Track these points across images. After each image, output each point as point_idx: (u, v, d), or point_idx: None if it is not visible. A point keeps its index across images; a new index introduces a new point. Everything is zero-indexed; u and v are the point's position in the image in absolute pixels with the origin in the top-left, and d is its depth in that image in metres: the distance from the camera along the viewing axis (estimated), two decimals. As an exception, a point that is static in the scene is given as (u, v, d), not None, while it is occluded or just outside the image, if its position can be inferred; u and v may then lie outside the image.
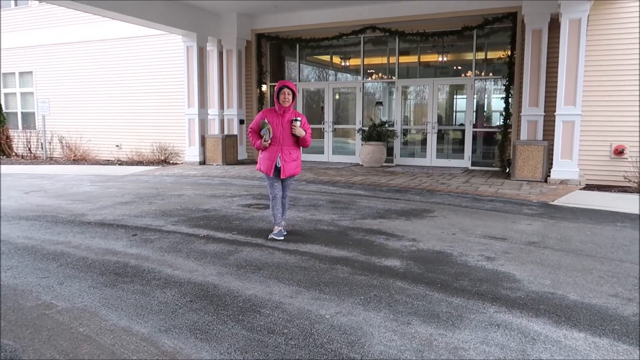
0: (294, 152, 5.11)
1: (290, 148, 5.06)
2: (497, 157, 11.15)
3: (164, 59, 13.97)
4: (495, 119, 11.95)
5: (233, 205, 7.08)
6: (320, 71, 14.21)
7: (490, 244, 5.01)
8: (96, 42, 14.94)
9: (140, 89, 14.45)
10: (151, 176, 10.62)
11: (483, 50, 11.69)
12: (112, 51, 14.76)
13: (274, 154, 5.04)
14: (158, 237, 5.28)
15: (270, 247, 4.87)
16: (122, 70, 14.67)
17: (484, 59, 11.72)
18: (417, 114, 12.91)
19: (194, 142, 12.63)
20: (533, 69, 9.83)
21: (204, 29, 12.37)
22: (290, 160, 5.08)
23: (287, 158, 5.05)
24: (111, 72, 14.83)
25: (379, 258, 4.49)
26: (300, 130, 4.97)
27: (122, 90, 14.75)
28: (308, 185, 9.09)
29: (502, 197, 7.80)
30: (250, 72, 13.36)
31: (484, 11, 10.68)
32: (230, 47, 12.87)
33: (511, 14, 10.55)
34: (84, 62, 15.25)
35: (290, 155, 5.07)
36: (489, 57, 11.70)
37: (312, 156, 13.33)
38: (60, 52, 15.57)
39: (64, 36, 15.36)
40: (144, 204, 7.25)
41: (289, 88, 4.95)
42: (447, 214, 6.48)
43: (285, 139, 5.02)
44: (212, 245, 4.92)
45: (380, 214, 6.46)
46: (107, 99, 15.00)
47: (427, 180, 9.54)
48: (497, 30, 11.11)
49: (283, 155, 5.03)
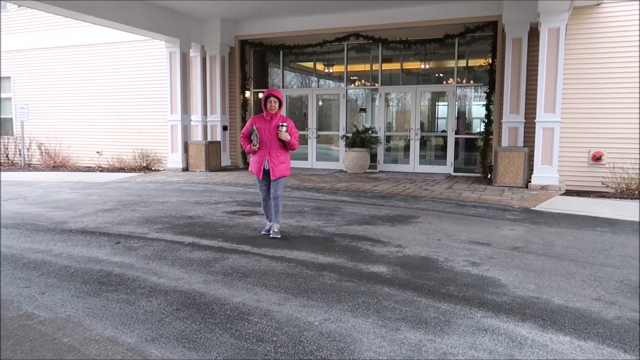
0: (282, 155, 5.41)
1: (277, 151, 5.38)
2: (479, 163, 11.29)
3: (146, 65, 13.84)
4: (477, 125, 12.11)
5: (218, 212, 7.02)
6: (303, 78, 14.23)
7: (475, 249, 5.06)
8: (77, 47, 14.73)
9: (122, 95, 14.28)
10: (133, 183, 10.48)
11: (464, 58, 11.86)
12: (93, 56, 14.56)
13: (262, 157, 5.38)
14: (142, 244, 5.20)
15: (256, 254, 4.84)
16: (103, 75, 14.48)
17: (465, 67, 11.89)
18: (400, 121, 13.01)
19: (177, 148, 12.52)
20: (513, 77, 10.01)
21: (187, 34, 12.30)
22: (279, 162, 5.39)
23: (275, 160, 5.37)
24: (92, 77, 14.63)
25: (365, 264, 4.49)
26: (285, 135, 5.30)
27: (103, 96, 14.55)
28: (293, 191, 9.08)
29: (485, 202, 7.88)
30: (233, 78, 13.32)
31: (465, 20, 10.85)
32: (214, 53, 12.82)
33: (492, 23, 10.74)
34: (64, 67, 15.01)
35: (278, 158, 5.39)
36: (470, 65, 11.87)
37: (296, 162, 13.31)
38: (40, 57, 15.31)
39: (43, 41, 15.11)
40: (126, 211, 7.14)
41: (275, 97, 5.30)
42: (432, 220, 6.52)
43: (272, 143, 5.34)
44: (198, 253, 4.87)
45: (365, 220, 6.47)
46: (87, 104, 14.79)
47: (410, 187, 9.60)
48: (478, 39, 11.29)
49: (271, 158, 5.36)
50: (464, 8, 10.77)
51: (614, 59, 9.59)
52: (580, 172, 9.93)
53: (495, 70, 10.74)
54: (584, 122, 9.88)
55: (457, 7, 10.82)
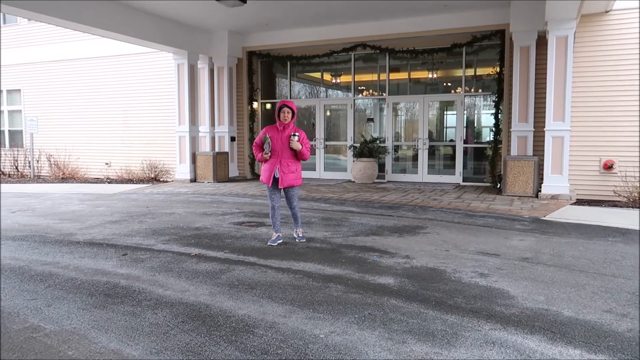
0: (293, 164, 5.55)
1: (288, 160, 5.52)
2: (488, 172, 11.24)
3: (154, 76, 14.00)
4: (486, 134, 12.08)
5: (225, 223, 7.04)
6: (311, 88, 14.31)
7: (484, 260, 5.02)
8: (86, 60, 14.95)
9: (130, 107, 14.44)
10: (141, 194, 10.55)
11: (472, 67, 11.86)
12: (102, 69, 14.76)
13: (273, 165, 5.52)
14: (149, 256, 5.22)
15: (263, 265, 4.84)
16: (111, 87, 14.66)
17: (473, 76, 11.89)
18: (408, 130, 13.01)
19: (185, 159, 12.60)
20: (522, 85, 9.99)
21: (195, 46, 12.44)
22: (289, 171, 5.52)
23: (285, 169, 5.50)
24: (100, 89, 14.82)
25: (372, 276, 4.48)
26: (297, 144, 5.43)
27: (111, 107, 14.73)
28: (300, 202, 9.06)
29: (494, 212, 7.84)
30: (241, 89, 13.42)
31: (472, 29, 10.87)
32: (222, 64, 12.93)
33: (499, 32, 10.74)
34: (73, 79, 15.23)
35: (288, 167, 5.51)
36: (478, 74, 11.87)
37: (303, 173, 13.18)
38: (50, 70, 15.55)
39: (53, 54, 15.36)
40: (134, 222, 7.18)
41: (288, 107, 5.48)
42: (440, 230, 6.49)
43: (284, 152, 5.49)
44: (204, 264, 4.88)
45: (373, 231, 6.46)
46: (96, 116, 14.96)
47: (419, 197, 9.58)
48: (486, 48, 11.30)
49: (281, 167, 5.49)
50: (471, 17, 10.79)
51: (623, 66, 9.54)
52: (591, 181, 9.84)
53: (503, 79, 10.72)
54: (595, 130, 9.81)
55: (464, 16, 10.85)
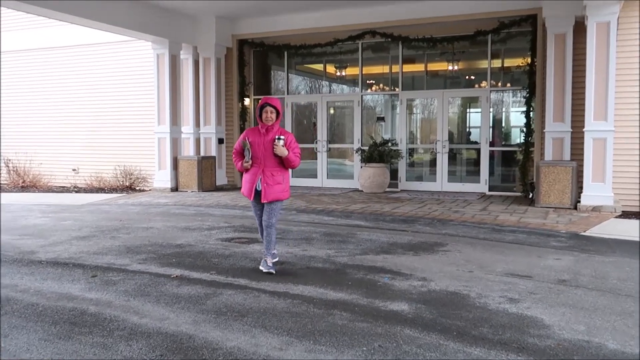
0: (278, 174, 5.31)
1: (273, 169, 5.29)
2: (519, 180, 11.23)
3: (130, 69, 14.06)
4: (515, 136, 12.09)
5: (211, 240, 7.05)
6: (312, 82, 14.37)
7: (514, 282, 5.02)
8: (49, 50, 15.00)
9: (102, 104, 14.48)
10: (114, 205, 10.57)
11: (499, 58, 11.90)
12: (69, 60, 14.82)
13: (255, 175, 5.30)
14: (122, 278, 5.23)
15: (255, 289, 4.84)
16: (80, 82, 14.71)
17: (500, 68, 11.92)
18: (424, 131, 13.04)
19: (165, 165, 12.64)
20: (557, 79, 10.00)
21: (177, 34, 12.51)
22: (274, 183, 5.27)
23: (269, 180, 5.26)
24: (67, 84, 14.87)
25: (383, 301, 4.48)
26: (282, 150, 5.19)
27: (79, 105, 14.77)
28: (299, 214, 9.09)
29: (525, 227, 7.84)
30: (230, 83, 13.48)
31: (499, 14, 10.91)
32: (208, 55, 13.00)
33: (530, 17, 10.78)
34: (35, 73, 15.28)
35: (273, 178, 5.28)
36: (506, 66, 11.90)
37: (303, 181, 13.37)
38: (6, 62, 15.59)
39: (10, 43, 15.29)
40: (105, 238, 7.20)
41: (271, 106, 5.23)
42: (462, 248, 6.50)
43: (267, 160, 5.26)
44: (187, 288, 4.88)
45: (384, 249, 6.46)
46: (62, 115, 15.00)
47: (437, 208, 9.59)
48: (515, 35, 11.33)
49: (264, 178, 5.27)
50: (497, 0, 10.83)
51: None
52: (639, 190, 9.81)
53: (535, 71, 10.75)
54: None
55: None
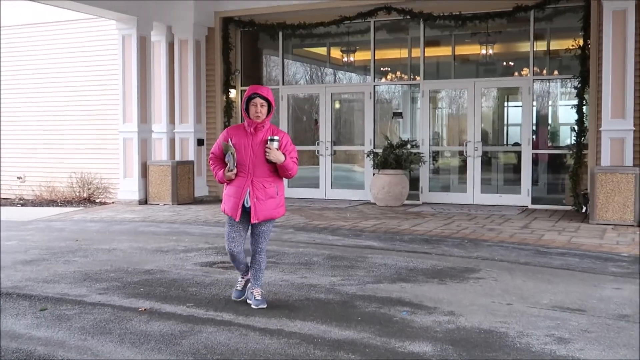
0: (272, 185, 5.12)
1: (265, 180, 5.08)
2: (569, 190, 11.21)
3: (88, 55, 14.09)
4: (565, 135, 12.08)
5: (188, 264, 7.03)
6: (313, 70, 14.41)
7: (563, 318, 4.99)
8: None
9: (54, 98, 14.52)
10: (69, 221, 10.57)
11: (544, 39, 11.90)
12: (11, 43, 14.83)
13: (242, 188, 5.05)
14: (78, 312, 5.21)
15: (242, 325, 4.82)
16: (26, 71, 14.76)
17: (545, 52, 11.92)
18: (452, 130, 13.04)
19: (132, 171, 12.64)
20: (616, 66, 9.98)
21: (147, 11, 12.53)
22: (266, 197, 5.08)
23: (260, 194, 5.05)
24: (9, 73, 14.89)
25: (401, 341, 4.46)
26: (278, 155, 5.00)
27: (24, 98, 14.81)
28: (296, 233, 9.07)
29: (577, 249, 7.80)
30: (212, 71, 13.50)
31: (544, -15, 10.95)
32: (185, 36, 13.04)
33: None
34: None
35: (264, 190, 5.07)
36: (552, 49, 11.90)
37: (302, 191, 13.36)
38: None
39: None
40: (57, 262, 7.18)
41: (262, 97, 4.99)
42: (499, 275, 6.47)
43: (257, 168, 5.05)
44: (158, 324, 4.86)
45: (401, 276, 6.44)
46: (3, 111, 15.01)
47: (468, 225, 9.57)
48: (564, 11, 11.35)
49: (254, 191, 5.03)
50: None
51: None
52: None
53: (588, 56, 10.74)
54: None
55: (531, -33, 10.93)
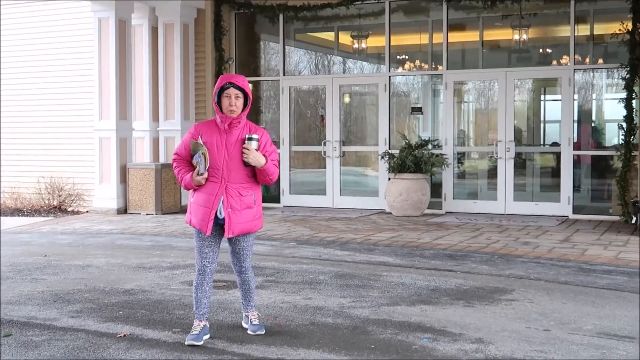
0: (249, 193, 5.09)
1: (241, 186, 5.05)
2: (617, 197, 11.18)
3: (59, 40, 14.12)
4: (611, 134, 12.06)
5: (174, 283, 7.05)
6: (319, 58, 14.42)
7: (610, 346, 4.99)
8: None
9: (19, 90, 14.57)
10: (36, 234, 10.60)
11: (587, 23, 11.88)
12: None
13: (214, 196, 4.99)
14: (47, 338, 5.22)
15: (237, 354, 4.83)
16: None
17: (588, 37, 11.90)
18: (480, 128, 13.03)
19: (109, 176, 12.65)
20: (670, 53, 10.00)
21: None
22: (242, 206, 5.04)
23: (236, 203, 5.01)
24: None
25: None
26: (258, 156, 4.96)
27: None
28: (300, 247, 9.09)
29: (626, 266, 7.79)
30: (203, 60, 13.52)
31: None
32: (171, 19, 13.06)
33: (631, -37, 10.82)
34: None
35: (241, 199, 5.03)
36: (596, 34, 11.88)
37: (305, 198, 13.36)
38: None
39: None
40: (23, 281, 7.21)
41: (237, 87, 4.95)
42: (535, 296, 6.47)
43: (232, 172, 5.01)
44: (139, 352, 4.87)
45: (421, 297, 6.45)
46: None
47: (499, 239, 9.57)
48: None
49: (229, 199, 4.99)
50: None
51: None
52: None
53: (638, 43, 10.74)
54: None
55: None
